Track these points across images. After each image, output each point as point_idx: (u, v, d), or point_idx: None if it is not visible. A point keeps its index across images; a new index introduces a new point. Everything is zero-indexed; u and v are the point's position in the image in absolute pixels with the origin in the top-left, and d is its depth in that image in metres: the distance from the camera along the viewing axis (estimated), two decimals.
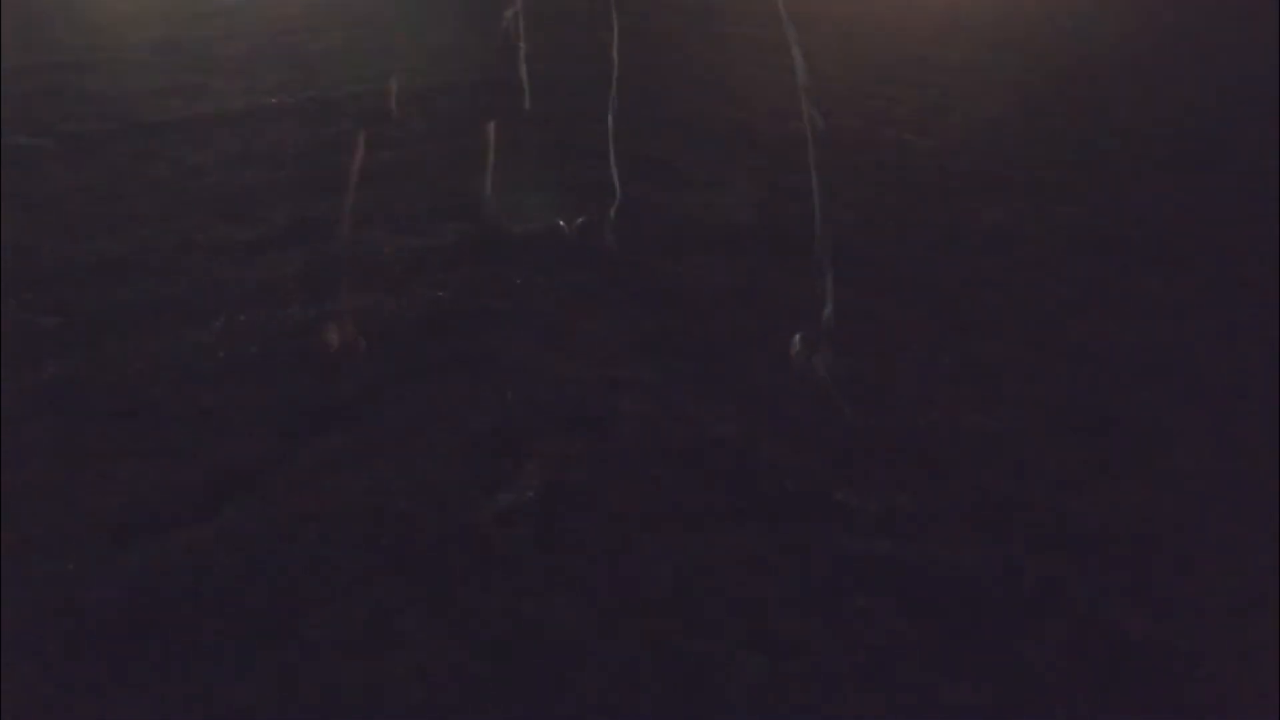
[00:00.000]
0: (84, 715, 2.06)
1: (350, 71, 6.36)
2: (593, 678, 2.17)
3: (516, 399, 3.07)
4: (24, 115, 5.45)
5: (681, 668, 2.21)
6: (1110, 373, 3.36)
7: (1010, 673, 2.23)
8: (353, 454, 2.82)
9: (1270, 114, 5.90)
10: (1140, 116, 6.17)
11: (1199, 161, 5.37)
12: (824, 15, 8.54)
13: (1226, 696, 2.20)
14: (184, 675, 2.13)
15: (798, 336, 3.36)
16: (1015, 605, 2.41)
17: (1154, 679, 2.23)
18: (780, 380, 3.23)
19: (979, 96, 6.45)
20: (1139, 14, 9.32)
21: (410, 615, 2.30)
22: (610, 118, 4.66)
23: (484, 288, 3.76)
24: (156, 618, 2.27)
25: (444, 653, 2.20)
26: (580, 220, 4.12)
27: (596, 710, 2.10)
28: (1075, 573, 2.50)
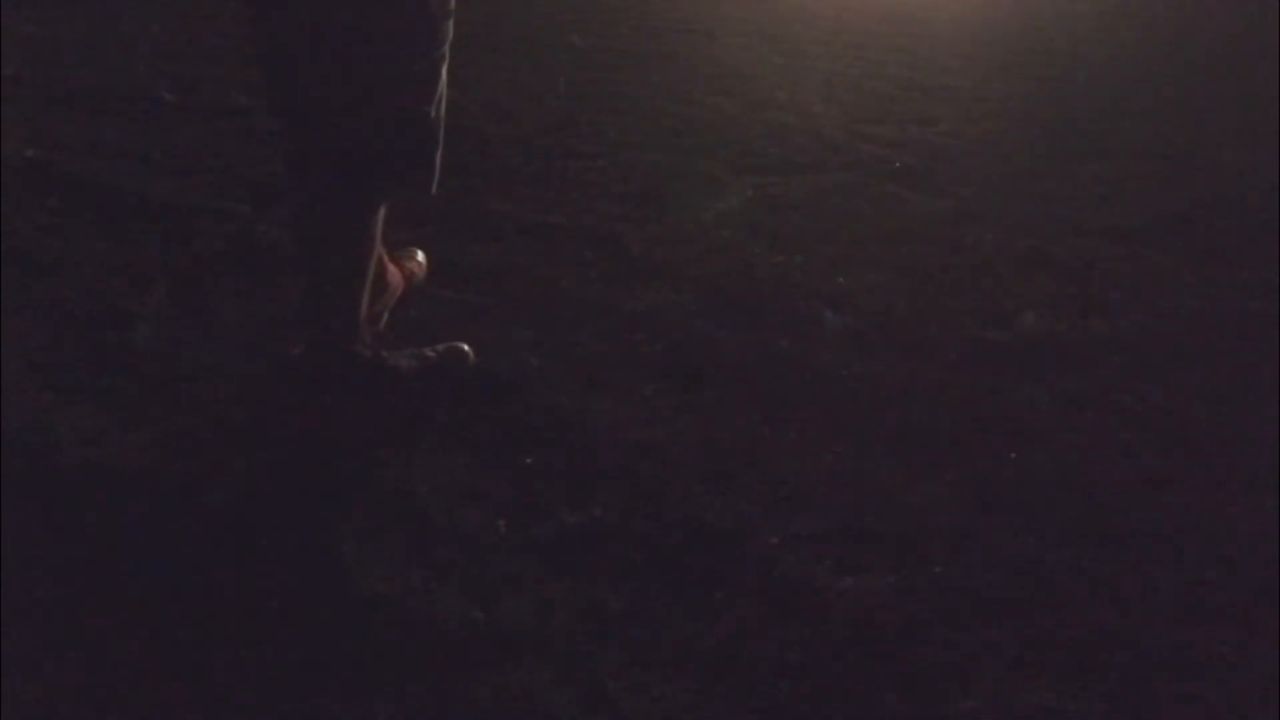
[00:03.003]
0: None
1: None
2: None
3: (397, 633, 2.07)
4: None
5: None
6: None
7: None
8: None
9: None
10: (1182, 148, 5.23)
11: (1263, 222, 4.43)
12: (808, 35, 7.58)
13: None
14: None
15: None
16: None
17: None
18: (763, 613, 2.24)
19: (995, 136, 5.50)
20: (1148, 21, 8.39)
21: None
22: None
23: (368, 435, 2.75)
24: None
25: None
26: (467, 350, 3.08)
27: None
28: None
